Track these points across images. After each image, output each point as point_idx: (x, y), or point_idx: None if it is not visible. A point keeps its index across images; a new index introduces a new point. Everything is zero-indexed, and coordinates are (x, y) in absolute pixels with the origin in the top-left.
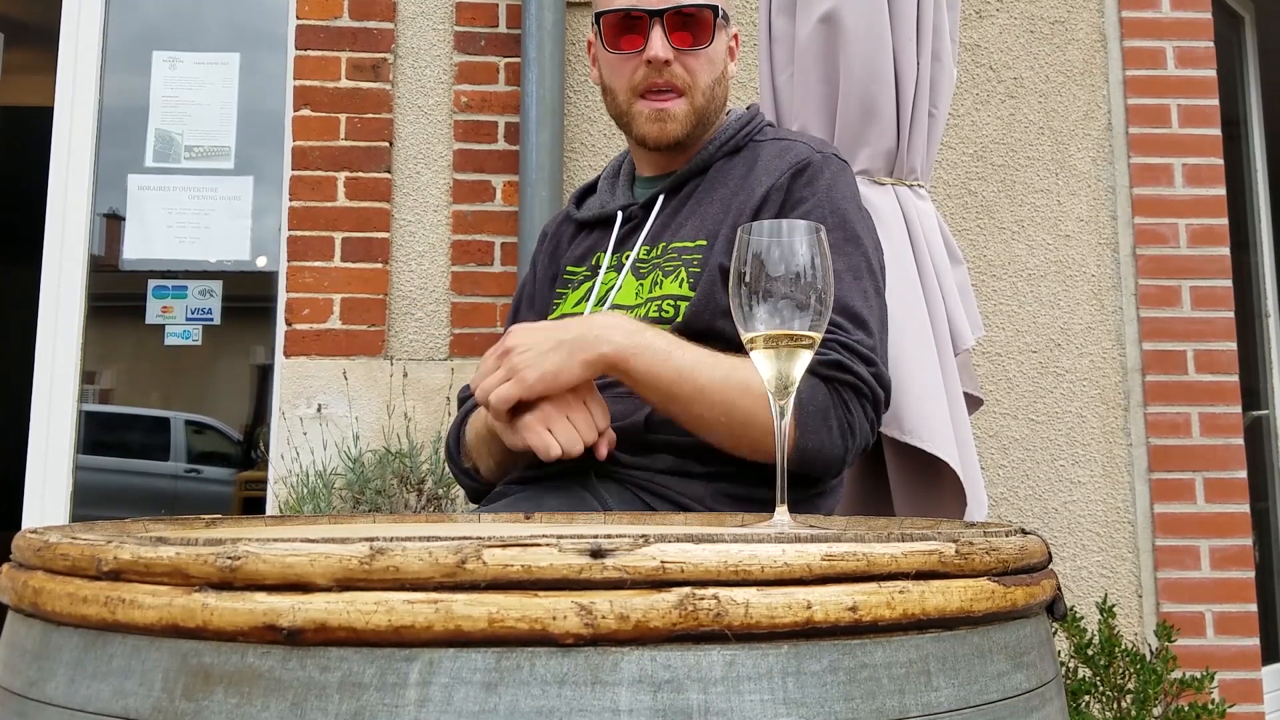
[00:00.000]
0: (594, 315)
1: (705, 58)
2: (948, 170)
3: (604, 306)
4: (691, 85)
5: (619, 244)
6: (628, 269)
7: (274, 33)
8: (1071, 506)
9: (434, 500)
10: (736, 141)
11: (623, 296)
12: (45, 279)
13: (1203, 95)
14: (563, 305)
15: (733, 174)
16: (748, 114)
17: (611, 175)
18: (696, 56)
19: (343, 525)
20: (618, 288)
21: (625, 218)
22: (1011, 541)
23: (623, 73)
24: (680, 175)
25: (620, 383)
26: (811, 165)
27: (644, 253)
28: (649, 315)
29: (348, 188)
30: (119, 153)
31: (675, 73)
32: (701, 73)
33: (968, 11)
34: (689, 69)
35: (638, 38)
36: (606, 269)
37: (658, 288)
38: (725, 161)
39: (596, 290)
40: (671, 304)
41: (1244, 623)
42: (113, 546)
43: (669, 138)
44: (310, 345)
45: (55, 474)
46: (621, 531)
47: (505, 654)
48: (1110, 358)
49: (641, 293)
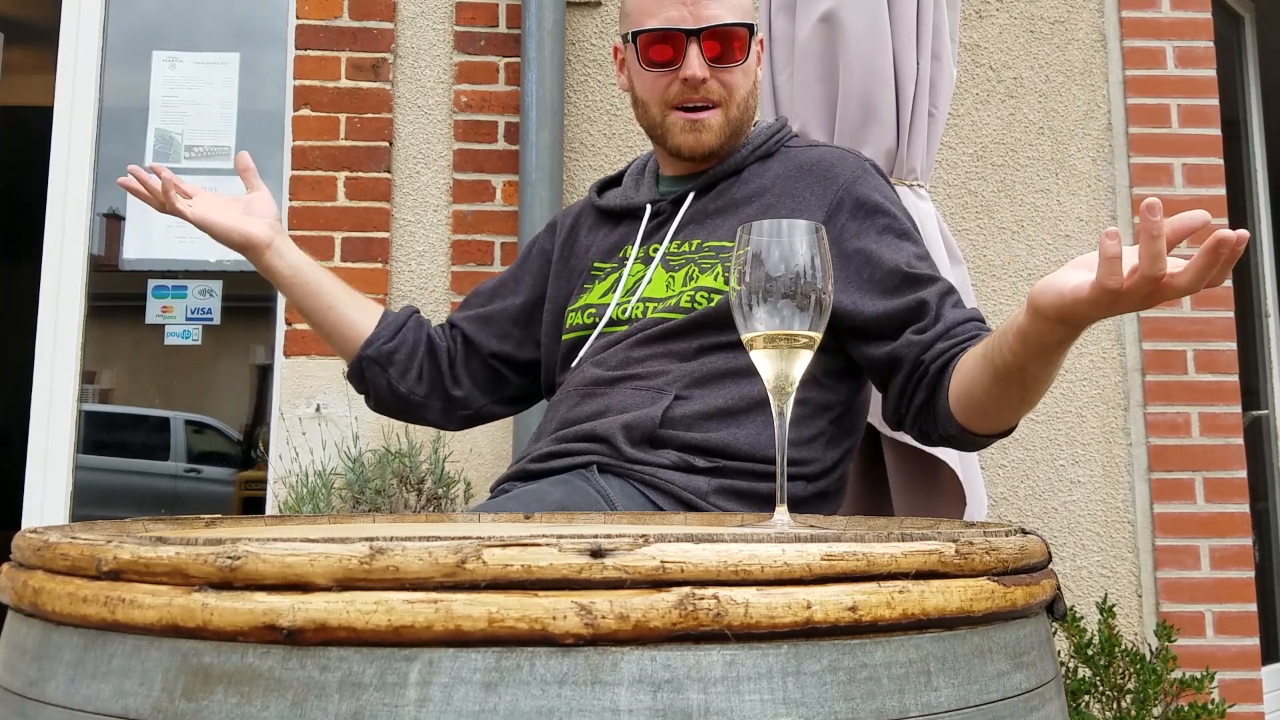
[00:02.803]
0: None
1: (740, 72)
2: (948, 170)
3: (633, 298)
4: (727, 99)
5: (646, 237)
6: (658, 261)
7: (274, 32)
8: (1071, 506)
9: (434, 500)
10: (768, 147)
11: (652, 289)
12: (45, 279)
13: (1203, 95)
14: (588, 295)
15: (767, 176)
16: (777, 123)
17: (638, 171)
18: (732, 72)
19: (343, 525)
20: (647, 280)
21: (654, 212)
22: (1011, 541)
23: (657, 88)
24: (713, 175)
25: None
26: (864, 171)
27: (674, 246)
28: (680, 305)
29: (348, 187)
30: (119, 152)
31: (711, 88)
32: (738, 87)
33: (968, 11)
34: (725, 84)
35: (673, 53)
36: (634, 261)
37: (692, 280)
38: (758, 165)
39: (624, 281)
40: (705, 295)
41: (1244, 623)
42: (113, 546)
43: (704, 148)
44: (310, 345)
45: (55, 474)
46: (621, 531)
47: (505, 654)
48: (1110, 357)
49: (674, 285)
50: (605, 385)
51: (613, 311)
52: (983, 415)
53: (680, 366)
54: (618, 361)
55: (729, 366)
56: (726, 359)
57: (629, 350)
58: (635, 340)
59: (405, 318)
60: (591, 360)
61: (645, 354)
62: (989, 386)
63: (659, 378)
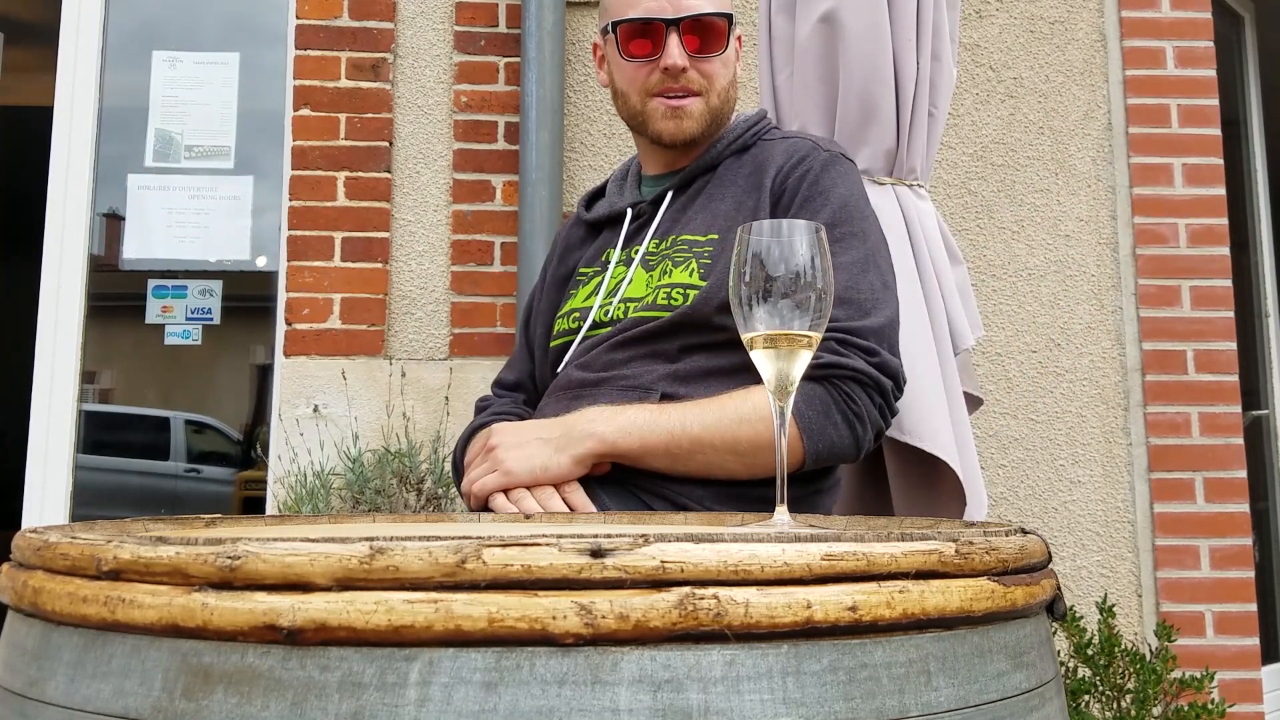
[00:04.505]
0: (574, 413)
1: (720, 62)
2: (948, 170)
3: (614, 299)
4: (708, 88)
5: (628, 240)
6: (637, 262)
7: (274, 32)
8: (1071, 506)
9: (433, 500)
10: (745, 140)
11: (633, 289)
12: (45, 279)
13: (1203, 95)
14: (573, 300)
15: (742, 172)
16: (755, 115)
17: (620, 177)
18: (711, 62)
19: (342, 525)
20: (628, 281)
21: (635, 214)
22: (1011, 541)
23: (638, 78)
24: (689, 172)
25: (625, 377)
26: (819, 162)
27: (653, 245)
28: (656, 302)
29: (347, 187)
30: (119, 152)
31: (691, 78)
32: (717, 76)
33: (968, 11)
34: (705, 74)
35: (653, 44)
36: (616, 263)
37: (666, 276)
38: (734, 159)
39: (606, 284)
40: (680, 292)
41: (1244, 622)
42: (112, 546)
43: (685, 134)
44: (310, 345)
45: (55, 474)
46: (621, 531)
47: (505, 654)
48: (1110, 357)
49: (650, 282)
50: (590, 387)
51: (595, 314)
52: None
53: (664, 367)
54: (601, 364)
55: (712, 366)
56: (710, 358)
57: (611, 352)
58: (616, 341)
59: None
60: (576, 363)
61: (628, 355)
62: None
63: (643, 377)
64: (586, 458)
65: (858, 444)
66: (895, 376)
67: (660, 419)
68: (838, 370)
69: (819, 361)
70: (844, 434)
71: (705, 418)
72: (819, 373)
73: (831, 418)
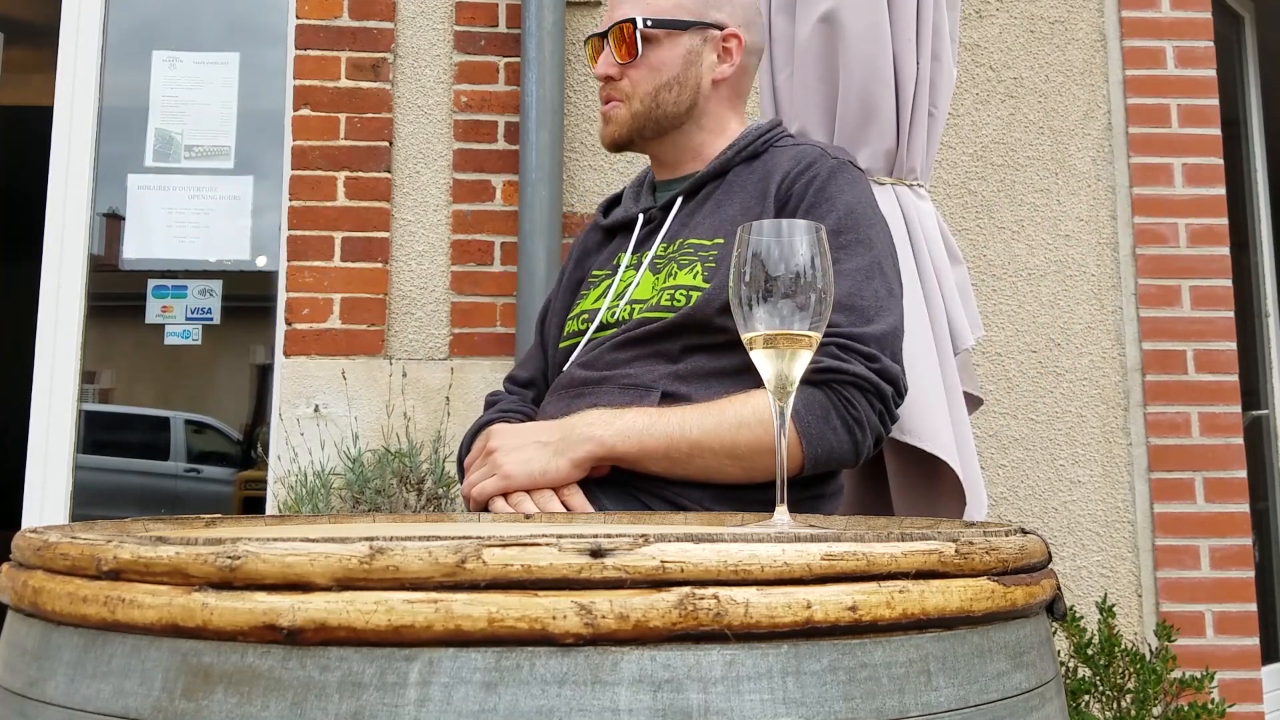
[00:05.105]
0: (573, 416)
1: (645, 68)
2: (948, 170)
3: (622, 302)
4: (630, 94)
5: (639, 244)
6: (645, 265)
7: (274, 32)
8: (1071, 506)
9: (434, 500)
10: (755, 148)
11: (640, 292)
12: (45, 279)
13: (1202, 95)
14: (584, 302)
15: (751, 178)
16: (769, 124)
17: (636, 185)
18: (637, 68)
19: (343, 525)
20: (635, 284)
21: (645, 220)
22: (1011, 541)
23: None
24: (699, 178)
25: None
26: (825, 168)
27: (662, 249)
28: (660, 304)
29: (347, 187)
30: (119, 152)
31: (618, 85)
32: (642, 82)
33: (968, 11)
34: (631, 80)
35: (597, 55)
36: (626, 267)
37: (671, 278)
38: (744, 166)
39: (615, 287)
40: (684, 293)
41: (1244, 622)
42: (112, 546)
43: (607, 138)
44: (310, 345)
45: (55, 473)
46: (621, 531)
47: (505, 654)
48: (1110, 357)
49: (656, 285)
50: (592, 385)
51: (603, 315)
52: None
53: (666, 367)
54: (604, 363)
55: (714, 366)
56: (711, 359)
57: (614, 351)
58: (620, 341)
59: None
60: (579, 362)
61: (631, 355)
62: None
63: (644, 376)
64: (585, 461)
65: (857, 450)
66: (896, 383)
67: (659, 422)
68: (838, 375)
69: (819, 366)
70: (843, 439)
71: (704, 422)
72: (819, 378)
73: (831, 423)
